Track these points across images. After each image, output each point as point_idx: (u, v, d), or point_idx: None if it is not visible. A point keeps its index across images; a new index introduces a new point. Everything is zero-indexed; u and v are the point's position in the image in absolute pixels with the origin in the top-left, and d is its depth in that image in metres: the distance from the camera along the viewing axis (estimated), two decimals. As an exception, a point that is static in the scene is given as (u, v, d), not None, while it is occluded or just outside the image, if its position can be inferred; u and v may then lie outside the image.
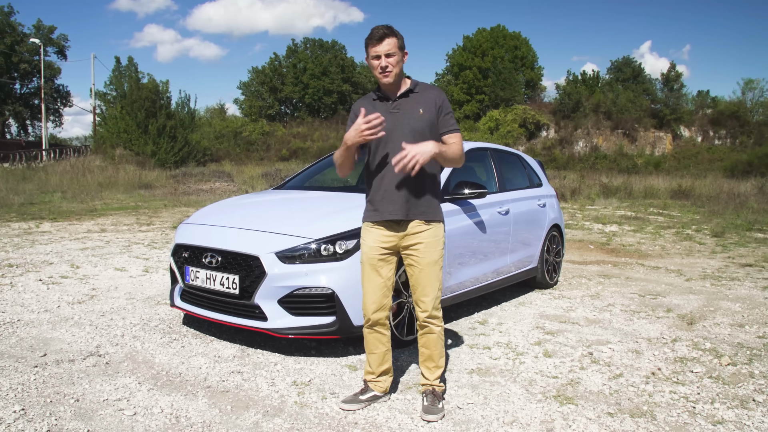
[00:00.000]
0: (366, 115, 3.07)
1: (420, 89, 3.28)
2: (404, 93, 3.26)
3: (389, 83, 3.20)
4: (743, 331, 5.07)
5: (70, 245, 8.56)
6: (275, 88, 57.68)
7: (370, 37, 3.16)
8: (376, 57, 3.16)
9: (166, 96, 36.68)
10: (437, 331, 3.34)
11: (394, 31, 3.17)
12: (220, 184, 21.70)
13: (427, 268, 3.26)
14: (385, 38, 3.13)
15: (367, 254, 3.31)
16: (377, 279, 3.30)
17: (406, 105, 3.24)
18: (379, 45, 3.14)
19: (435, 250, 3.28)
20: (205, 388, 3.58)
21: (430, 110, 3.23)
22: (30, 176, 22.32)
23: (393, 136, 3.18)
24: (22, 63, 54.20)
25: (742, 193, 20.40)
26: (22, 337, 4.39)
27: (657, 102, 50.42)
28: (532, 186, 6.66)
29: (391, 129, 3.18)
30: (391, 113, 3.22)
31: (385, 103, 3.27)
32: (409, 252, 3.28)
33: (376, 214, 3.28)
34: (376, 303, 3.32)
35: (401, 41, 3.20)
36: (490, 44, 53.75)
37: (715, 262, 8.78)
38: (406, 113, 3.22)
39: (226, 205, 5.20)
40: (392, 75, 3.17)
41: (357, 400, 3.40)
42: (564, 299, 6.17)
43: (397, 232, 3.26)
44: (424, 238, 3.25)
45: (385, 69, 3.15)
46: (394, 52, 3.15)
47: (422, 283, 3.27)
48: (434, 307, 3.30)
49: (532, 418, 3.28)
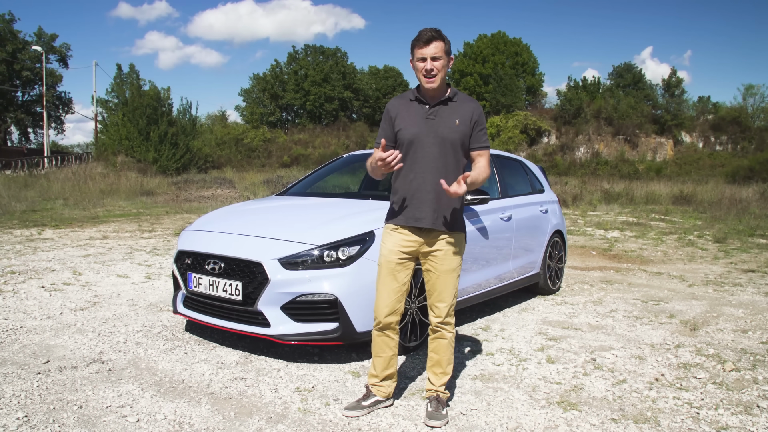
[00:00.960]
0: (401, 117, 3.17)
1: (459, 99, 3.26)
2: (443, 100, 3.23)
3: (433, 87, 3.17)
4: (746, 337, 5.06)
5: (73, 252, 8.57)
6: (276, 94, 57.83)
7: (418, 39, 3.13)
8: (421, 59, 3.13)
9: (167, 103, 36.80)
10: (449, 337, 3.35)
11: (442, 35, 3.14)
12: (221, 191, 21.70)
13: (444, 275, 3.26)
14: (432, 41, 3.10)
15: (385, 257, 3.29)
16: (393, 283, 3.29)
17: (444, 113, 3.21)
18: (426, 47, 3.11)
19: (455, 258, 3.28)
20: (209, 394, 3.57)
21: (466, 123, 3.21)
22: (32, 183, 22.36)
23: (425, 142, 3.18)
24: (23, 70, 54.35)
25: (743, 198, 20.38)
26: (25, 344, 4.39)
27: (658, 108, 50.52)
28: (534, 192, 6.66)
29: (425, 135, 3.18)
30: (427, 119, 3.20)
31: (423, 106, 3.24)
32: (429, 258, 3.28)
33: (401, 217, 3.27)
34: (389, 307, 3.30)
35: (448, 46, 3.17)
36: (491, 50, 53.92)
37: (718, 268, 8.77)
38: (442, 121, 3.19)
39: (228, 212, 5.20)
40: (437, 79, 3.14)
41: (360, 406, 3.39)
42: (567, 305, 6.16)
43: (420, 238, 3.26)
44: (445, 246, 3.25)
45: (430, 72, 3.12)
46: (441, 56, 3.12)
47: (438, 289, 3.28)
48: (448, 313, 3.30)
49: (535, 425, 3.27)
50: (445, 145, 3.17)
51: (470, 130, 3.23)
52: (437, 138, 3.17)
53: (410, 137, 3.19)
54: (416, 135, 3.17)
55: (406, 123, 3.22)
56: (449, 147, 3.18)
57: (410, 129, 3.20)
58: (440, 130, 3.18)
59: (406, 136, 3.20)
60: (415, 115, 3.22)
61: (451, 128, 3.19)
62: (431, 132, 3.18)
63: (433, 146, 3.17)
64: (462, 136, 3.21)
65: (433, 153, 3.17)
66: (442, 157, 3.18)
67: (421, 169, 3.19)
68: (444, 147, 3.17)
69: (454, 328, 3.38)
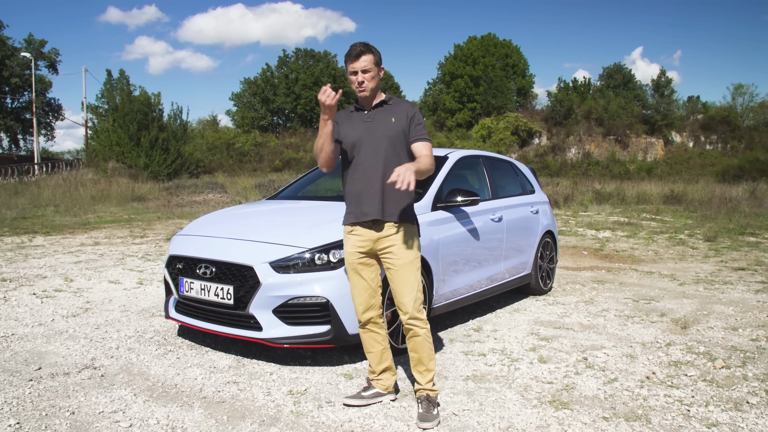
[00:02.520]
0: (344, 126, 3.44)
1: (394, 102, 3.47)
2: (378, 104, 3.44)
3: (365, 96, 3.40)
4: (736, 335, 5.10)
5: (64, 259, 8.54)
6: (267, 99, 57.74)
7: (348, 54, 3.36)
8: (353, 72, 3.36)
9: (158, 108, 36.63)
10: (422, 333, 3.39)
11: (370, 48, 3.37)
12: (213, 196, 21.67)
13: (402, 269, 3.34)
14: (362, 55, 3.32)
15: (348, 259, 3.47)
16: (361, 282, 3.43)
17: (380, 114, 3.42)
18: (356, 61, 3.33)
19: (409, 250, 3.37)
20: (201, 398, 3.57)
21: (402, 120, 3.40)
22: (22, 190, 22.27)
23: (366, 143, 3.38)
24: (12, 77, 54.03)
25: (733, 197, 20.53)
26: (17, 351, 4.37)
27: (648, 108, 50.72)
28: (524, 193, 6.69)
29: (365, 136, 3.37)
30: (365, 122, 3.42)
31: (361, 113, 3.47)
32: (385, 255, 3.38)
33: (351, 215, 3.43)
34: (363, 304, 3.45)
35: (377, 57, 3.39)
36: (482, 52, 54.01)
37: (708, 267, 8.83)
38: (380, 122, 3.39)
39: (219, 216, 5.20)
40: (368, 89, 3.37)
41: (360, 396, 3.51)
42: (558, 305, 6.19)
43: (371, 236, 3.37)
44: (397, 240, 3.35)
45: (361, 84, 3.36)
46: (370, 68, 3.34)
47: (399, 284, 3.35)
48: (415, 308, 3.35)
49: (527, 424, 3.29)
50: (384, 142, 3.35)
51: (407, 126, 3.39)
52: (376, 137, 3.36)
53: (352, 141, 3.39)
54: (357, 138, 3.38)
55: (347, 130, 3.43)
56: (388, 144, 3.35)
57: (351, 134, 3.41)
58: (378, 130, 3.37)
59: (349, 141, 3.40)
60: (355, 121, 3.44)
61: (387, 126, 3.38)
62: (370, 133, 3.38)
63: (373, 145, 3.37)
64: (398, 132, 3.37)
65: (373, 151, 3.36)
66: (381, 153, 3.35)
67: (364, 167, 3.37)
68: (383, 143, 3.34)
69: (426, 323, 3.42)
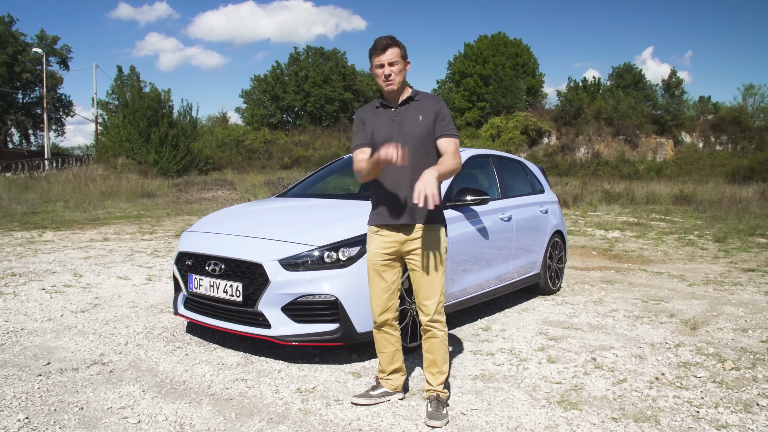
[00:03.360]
0: (370, 123, 3.35)
1: (420, 97, 3.40)
2: (405, 101, 3.37)
3: (392, 90, 3.32)
4: (746, 336, 5.06)
5: (73, 254, 8.58)
6: (277, 96, 57.88)
7: (374, 48, 3.28)
8: (379, 66, 3.28)
9: (168, 105, 36.80)
10: (440, 335, 3.37)
11: (396, 41, 3.29)
12: (222, 193, 21.74)
13: (429, 272, 3.31)
14: (388, 48, 3.25)
15: (371, 260, 3.40)
16: (382, 283, 3.38)
17: (407, 113, 3.35)
18: (383, 54, 3.25)
19: (437, 254, 3.33)
20: (210, 395, 3.58)
21: (429, 117, 3.34)
22: (32, 186, 22.39)
23: (395, 142, 3.23)
24: (24, 73, 54.40)
25: (743, 198, 20.39)
26: (26, 346, 4.40)
27: (658, 108, 50.51)
28: (534, 192, 6.67)
29: (394, 136, 3.29)
30: (393, 120, 3.34)
31: (388, 110, 3.38)
32: (411, 257, 3.34)
33: (378, 217, 3.38)
34: (381, 306, 3.41)
35: (404, 51, 3.32)
36: (491, 51, 53.94)
37: (718, 267, 8.78)
38: (407, 120, 3.32)
39: (229, 213, 5.21)
40: (395, 83, 3.29)
41: (368, 395, 3.51)
42: (567, 305, 6.16)
43: (399, 238, 3.33)
44: (425, 243, 3.31)
45: (389, 77, 3.27)
46: (397, 61, 3.27)
47: (424, 287, 3.32)
48: (437, 311, 3.34)
49: (536, 424, 3.28)
50: (415, 142, 3.28)
51: (433, 123, 3.34)
52: (404, 136, 3.29)
53: (381, 140, 3.30)
54: (386, 137, 3.29)
55: (375, 127, 3.37)
56: (417, 143, 3.29)
57: (380, 133, 3.34)
58: (406, 128, 3.31)
59: (378, 140, 3.33)
60: (383, 119, 3.37)
61: (415, 124, 3.31)
62: (398, 132, 3.31)
63: (403, 145, 3.23)
64: (427, 130, 3.32)
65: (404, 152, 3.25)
66: (413, 154, 3.26)
67: (394, 168, 3.26)
68: (414, 144, 3.27)
69: (445, 326, 3.41)
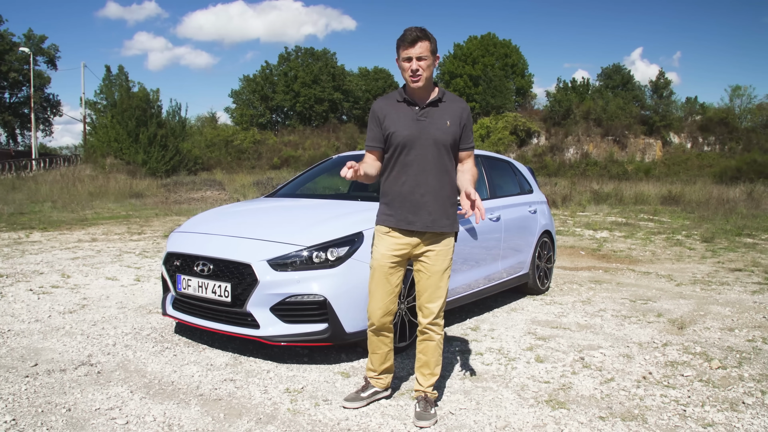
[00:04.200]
0: (391, 118, 3.18)
1: (447, 99, 3.25)
2: (433, 101, 3.22)
3: (419, 87, 3.16)
4: (733, 335, 5.11)
5: (61, 255, 8.52)
6: (266, 96, 57.74)
7: (403, 39, 3.10)
8: (407, 59, 3.11)
9: (156, 105, 36.58)
10: (437, 339, 3.34)
11: (427, 33, 3.11)
12: (211, 193, 21.65)
13: (435, 276, 3.25)
14: (418, 41, 3.07)
15: (378, 261, 3.29)
16: (387, 286, 3.29)
17: (434, 115, 3.20)
18: (412, 48, 3.08)
19: (446, 258, 3.27)
20: (198, 396, 3.57)
21: (456, 123, 3.21)
22: (20, 186, 22.23)
23: (417, 144, 3.17)
24: (11, 72, 53.94)
25: (731, 198, 20.56)
26: (13, 347, 4.36)
27: (646, 109, 50.79)
28: (522, 192, 6.69)
29: (417, 136, 3.17)
30: (419, 121, 3.19)
31: (412, 108, 3.22)
32: (421, 259, 3.28)
33: (392, 219, 3.25)
34: (383, 309, 3.32)
35: (434, 45, 3.14)
36: (481, 52, 54.08)
37: (705, 267, 8.84)
38: (434, 123, 3.18)
39: (217, 213, 5.19)
40: (423, 79, 3.12)
41: (359, 397, 3.46)
42: (555, 305, 6.19)
43: (412, 241, 3.25)
44: (437, 247, 3.25)
45: (416, 72, 3.10)
46: (426, 56, 3.10)
47: (430, 290, 3.27)
48: (438, 314, 3.30)
49: (524, 423, 3.29)
50: (438, 147, 3.17)
51: (460, 130, 3.24)
52: (430, 140, 3.16)
53: (402, 140, 3.17)
54: (408, 138, 3.15)
55: (396, 126, 3.19)
56: (442, 149, 3.18)
57: (402, 132, 3.17)
58: (432, 133, 3.16)
59: (398, 139, 3.18)
60: (405, 117, 3.19)
61: (442, 130, 3.18)
62: (423, 134, 3.16)
63: (426, 148, 3.16)
64: (452, 136, 3.21)
65: (426, 155, 3.17)
66: (434, 159, 3.18)
67: (414, 171, 3.18)
68: (437, 149, 3.17)
69: (443, 329, 3.37)
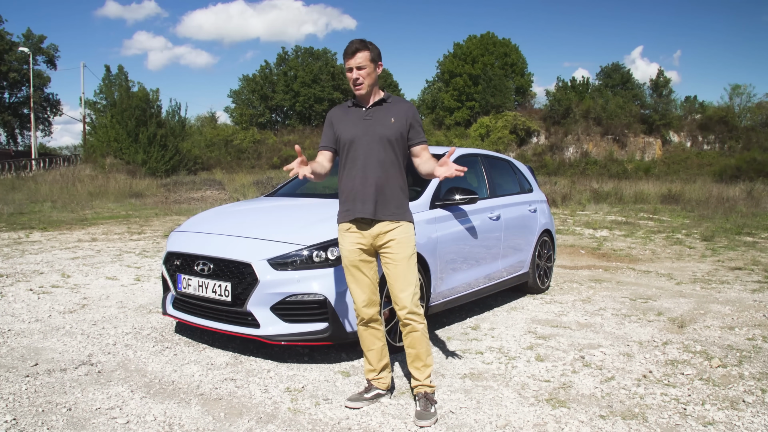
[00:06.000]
0: (340, 123, 3.44)
1: (392, 101, 3.47)
2: (377, 102, 3.43)
3: (361, 94, 3.39)
4: (733, 334, 5.11)
5: (61, 255, 8.53)
6: (266, 96, 57.70)
7: (345, 51, 3.36)
8: (349, 70, 3.35)
9: (156, 104, 36.60)
10: (420, 328, 3.39)
11: (366, 44, 3.35)
12: (211, 193, 21.66)
13: (401, 264, 3.35)
14: (357, 52, 3.32)
15: (347, 258, 3.44)
16: (363, 278, 3.43)
17: (379, 113, 3.41)
18: (352, 59, 3.32)
19: (407, 246, 3.39)
20: (198, 395, 3.57)
21: (401, 121, 3.39)
22: (19, 186, 22.23)
23: (363, 141, 3.37)
24: (11, 72, 53.87)
25: (731, 197, 20.58)
26: (13, 347, 4.36)
27: (646, 108, 50.78)
28: (522, 191, 6.69)
29: (363, 134, 3.37)
30: (364, 120, 3.40)
31: (359, 110, 3.45)
32: (384, 251, 3.39)
33: (348, 213, 3.41)
34: (366, 301, 3.45)
35: (374, 53, 3.37)
36: (481, 51, 54.04)
37: (705, 266, 8.85)
38: (378, 121, 3.38)
39: (217, 213, 5.19)
40: (364, 86, 3.36)
41: (362, 398, 3.51)
42: (556, 304, 6.19)
43: (371, 232, 3.38)
44: (396, 235, 3.37)
45: (356, 81, 3.35)
46: (365, 65, 3.33)
47: (399, 279, 3.35)
48: (413, 302, 3.36)
49: (524, 422, 3.30)
50: (383, 142, 3.35)
51: (407, 127, 3.41)
52: (374, 136, 3.35)
53: (349, 138, 3.39)
54: (355, 135, 3.37)
55: (344, 126, 3.43)
56: (386, 143, 3.35)
57: (349, 131, 3.40)
58: (377, 129, 3.37)
59: (346, 137, 3.40)
60: (353, 117, 3.43)
61: (386, 126, 3.37)
62: (368, 131, 3.37)
63: (371, 144, 3.35)
64: (397, 132, 3.38)
65: (371, 150, 3.35)
66: (379, 153, 3.35)
67: (361, 165, 3.36)
68: (381, 143, 3.34)
69: (423, 318, 3.43)
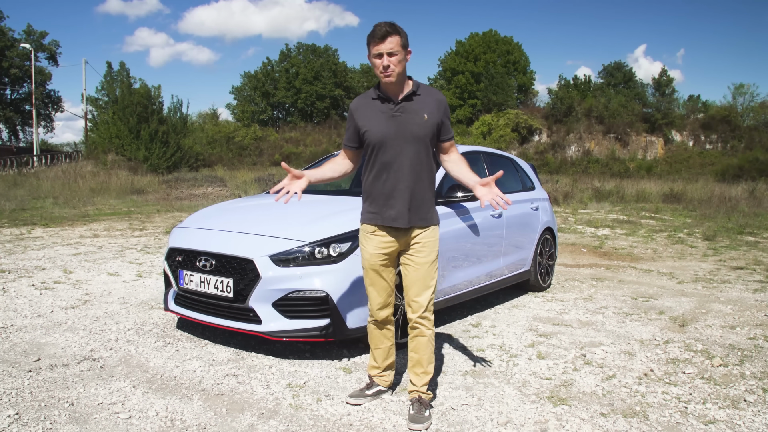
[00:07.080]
0: (365, 117, 3.16)
1: (423, 92, 3.18)
2: (407, 96, 3.15)
3: (391, 82, 3.08)
4: (734, 333, 5.11)
5: (63, 251, 8.54)
6: (268, 92, 57.71)
7: (372, 35, 3.02)
8: (377, 55, 3.03)
9: (158, 101, 36.62)
10: (428, 334, 3.29)
11: (397, 28, 3.03)
12: (212, 189, 21.67)
13: (422, 268, 3.23)
14: (387, 36, 3.00)
15: (369, 261, 3.29)
16: (381, 282, 3.32)
17: (410, 109, 3.13)
18: (382, 43, 3.00)
19: (432, 250, 3.25)
20: (200, 391, 3.58)
21: (434, 117, 3.15)
22: (21, 182, 22.25)
23: (395, 143, 3.12)
24: (12, 68, 53.88)
25: (733, 196, 20.55)
26: (16, 342, 4.37)
27: (649, 106, 50.71)
28: (524, 189, 6.69)
29: (393, 134, 3.11)
30: (394, 116, 3.13)
31: (387, 104, 3.15)
32: (408, 254, 3.26)
33: (376, 217, 3.22)
34: (382, 303, 3.36)
35: (405, 39, 3.06)
36: (483, 49, 54.01)
37: (707, 265, 8.84)
38: (410, 118, 3.12)
39: (219, 209, 5.19)
40: (394, 75, 3.05)
41: (363, 394, 3.48)
42: (557, 302, 6.19)
43: (398, 238, 3.24)
44: (422, 239, 3.23)
45: (387, 68, 3.03)
46: (397, 51, 3.02)
47: (417, 283, 3.23)
48: (427, 308, 3.26)
49: (525, 419, 3.30)
50: (417, 143, 3.12)
51: (439, 122, 3.19)
52: (407, 136, 3.11)
53: (378, 138, 3.12)
54: (385, 135, 3.10)
55: (371, 124, 3.15)
56: (420, 144, 3.13)
57: (378, 129, 3.13)
58: (409, 128, 3.11)
59: (374, 138, 3.13)
60: (380, 114, 3.14)
61: (419, 125, 3.12)
62: (400, 131, 3.11)
63: (404, 145, 3.11)
64: (430, 132, 3.16)
65: (403, 152, 3.12)
66: (413, 155, 3.13)
67: (394, 169, 3.13)
68: (415, 145, 3.12)
69: (433, 324, 3.32)
